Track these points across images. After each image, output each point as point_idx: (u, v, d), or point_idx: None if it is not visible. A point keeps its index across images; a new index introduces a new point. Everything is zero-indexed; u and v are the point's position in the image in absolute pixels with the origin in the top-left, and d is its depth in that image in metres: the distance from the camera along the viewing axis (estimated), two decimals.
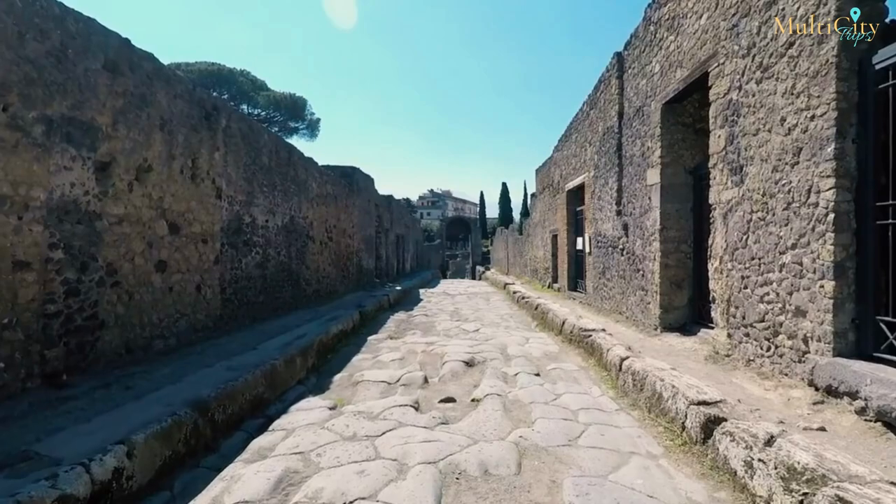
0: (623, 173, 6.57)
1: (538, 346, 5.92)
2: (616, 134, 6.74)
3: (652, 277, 5.48)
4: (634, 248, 6.10)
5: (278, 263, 7.14)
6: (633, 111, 6.17)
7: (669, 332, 5.21)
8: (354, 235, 11.82)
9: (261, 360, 4.12)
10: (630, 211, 6.27)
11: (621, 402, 3.72)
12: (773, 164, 3.28)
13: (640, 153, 5.91)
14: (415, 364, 5.07)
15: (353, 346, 6.15)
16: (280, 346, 4.83)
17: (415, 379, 4.43)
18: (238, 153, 5.84)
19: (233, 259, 5.76)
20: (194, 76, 25.96)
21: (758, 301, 3.48)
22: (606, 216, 7.26)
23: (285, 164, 7.39)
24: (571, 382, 4.30)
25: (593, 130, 8.00)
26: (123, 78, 3.81)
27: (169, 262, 4.46)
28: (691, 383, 3.17)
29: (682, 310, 5.27)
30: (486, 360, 5.19)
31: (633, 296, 6.14)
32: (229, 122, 5.59)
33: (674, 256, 5.26)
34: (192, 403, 2.92)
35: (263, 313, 6.58)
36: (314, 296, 8.77)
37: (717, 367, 3.83)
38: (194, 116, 4.83)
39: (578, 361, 5.12)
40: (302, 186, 8.13)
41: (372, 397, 3.95)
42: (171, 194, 4.47)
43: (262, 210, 6.54)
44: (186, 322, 4.75)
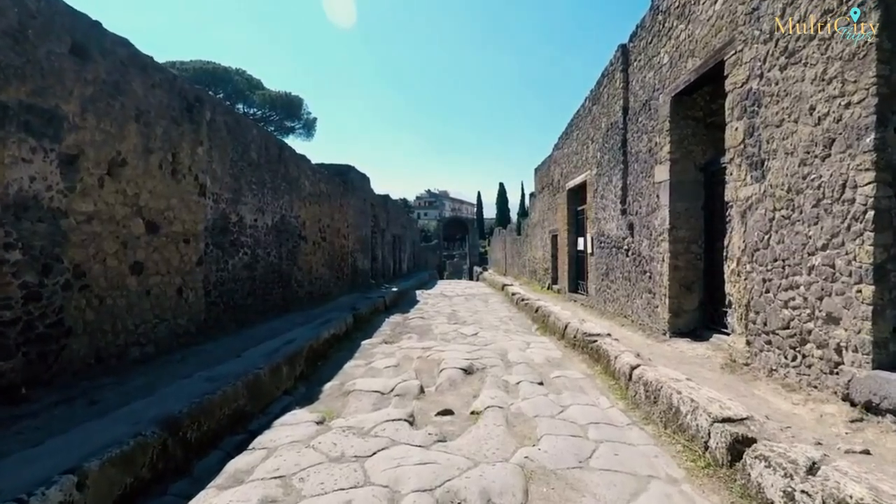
0: (628, 170, 6.30)
1: (540, 352, 5.64)
2: (620, 130, 6.47)
3: (660, 280, 5.21)
4: (641, 249, 5.83)
5: (268, 264, 6.84)
6: (639, 105, 5.91)
7: (679, 337, 4.94)
8: (349, 235, 11.52)
9: (244, 369, 3.82)
10: (636, 210, 6.00)
11: (633, 414, 3.44)
12: (801, 157, 3.01)
13: (646, 149, 5.64)
14: (410, 372, 4.78)
15: (345, 351, 5.86)
16: (267, 352, 4.53)
17: (410, 388, 4.15)
18: (224, 148, 5.54)
19: (218, 260, 5.46)
20: (189, 75, 25.65)
21: (781, 306, 3.21)
22: (610, 215, 6.99)
23: (276, 160, 7.09)
24: (577, 392, 4.03)
25: (596, 127, 7.73)
26: (94, 64, 3.50)
27: (146, 264, 4.16)
28: (712, 396, 2.90)
29: (693, 314, 5.00)
30: (485, 368, 4.91)
31: (640, 299, 5.87)
32: (214, 115, 5.29)
33: (684, 258, 4.99)
34: (162, 421, 2.62)
35: (252, 317, 6.28)
36: (307, 298, 8.47)
37: (736, 377, 3.56)
38: (175, 108, 4.52)
39: (583, 368, 4.84)
40: (293, 184, 7.83)
41: (363, 409, 3.66)
42: (149, 191, 4.17)
43: (250, 209, 6.24)
44: (166, 328, 4.45)
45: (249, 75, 33.25)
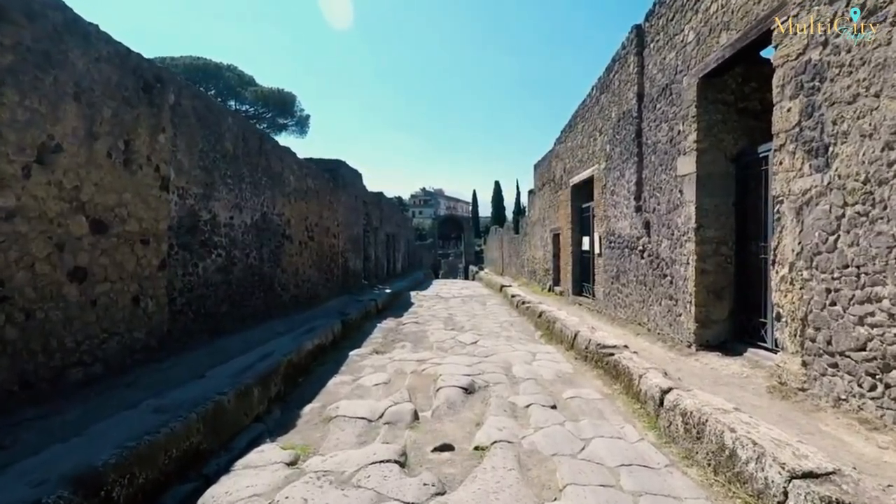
0: (643, 163, 5.72)
1: (548, 365, 5.06)
2: (634, 119, 5.89)
3: (684, 285, 4.63)
4: (659, 250, 5.25)
5: (247, 267, 6.21)
6: (657, 91, 5.32)
7: (706, 350, 4.37)
8: (340, 234, 10.88)
9: (204, 394, 3.21)
10: (653, 207, 5.43)
11: (669, 451, 2.86)
12: (885, 139, 2.43)
13: (666, 139, 5.06)
14: (403, 391, 4.18)
15: (331, 364, 5.25)
16: (236, 371, 3.92)
17: (402, 414, 3.55)
18: (192, 137, 4.90)
19: (186, 263, 4.82)
20: (179, 71, 24.84)
21: (855, 323, 2.63)
22: (622, 213, 6.41)
23: (255, 153, 6.45)
24: (597, 418, 3.44)
25: (605, 117, 7.15)
26: (14, 27, 2.87)
27: (91, 269, 3.52)
28: (778, 437, 2.32)
29: (723, 324, 4.43)
30: (488, 385, 4.32)
31: (658, 305, 5.30)
32: (180, 98, 4.65)
33: (712, 260, 4.42)
34: (77, 479, 2.00)
35: (228, 325, 5.65)
36: (292, 302, 7.84)
37: (791, 405, 2.98)
38: (128, 87, 3.88)
39: (599, 386, 4.26)
40: (276, 179, 7.19)
41: (346, 443, 3.07)
42: (94, 183, 3.54)
43: (225, 205, 5.60)
44: (118, 343, 3.82)
45: (241, 71, 32.57)
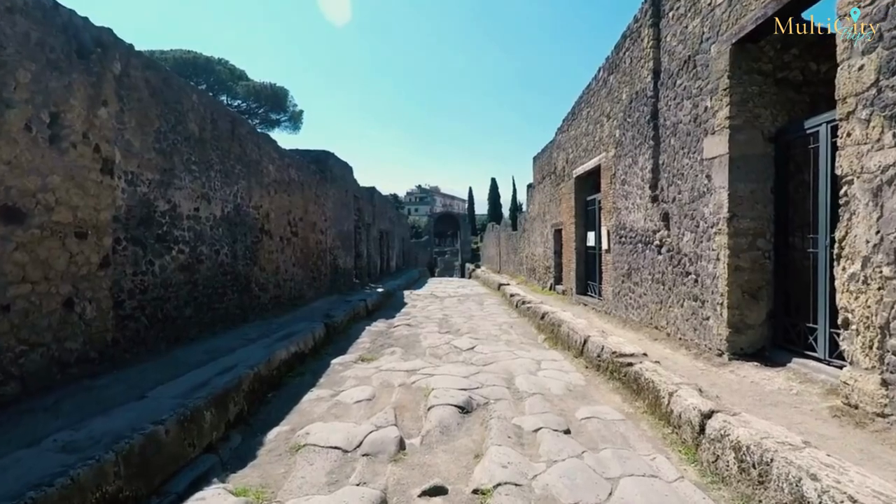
0: (661, 148, 5.11)
1: (556, 375, 4.45)
2: (650, 98, 5.28)
3: (713, 284, 4.03)
4: (681, 245, 4.64)
5: (216, 265, 5.55)
6: (678, 65, 4.71)
7: (741, 359, 3.77)
8: (328, 230, 10.22)
9: (136, 422, 2.57)
10: (673, 196, 4.82)
11: (720, 494, 2.26)
12: None
13: (690, 118, 4.45)
14: (388, 410, 3.56)
15: (309, 374, 4.62)
16: (188, 388, 3.28)
17: (385, 442, 2.93)
18: (146, 114, 4.24)
19: (138, 260, 4.17)
20: (169, 65, 24.09)
21: None
22: (634, 204, 5.80)
23: (227, 137, 5.79)
24: (622, 447, 2.83)
25: (613, 100, 6.53)
26: None
27: (1, 268, 2.87)
28: (881, 490, 1.72)
29: (759, 329, 3.82)
30: (488, 402, 3.70)
31: (679, 307, 4.69)
32: (128, 68, 3.99)
33: (748, 256, 3.81)
34: None
35: (192, 332, 5.00)
36: (272, 303, 7.19)
37: (870, 436, 2.38)
38: (55, 48, 3.23)
39: (617, 403, 3.66)
40: (253, 168, 6.53)
41: (313, 483, 2.45)
42: (6, 162, 2.89)
43: (188, 195, 4.95)
44: (43, 356, 3.17)
45: (233, 66, 31.91)
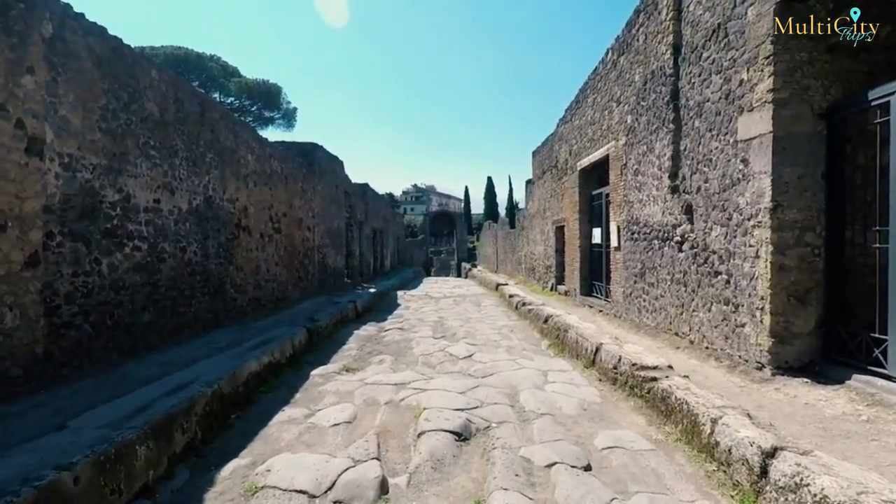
0: (682, 132, 4.54)
1: (566, 390, 3.87)
2: (669, 77, 4.71)
3: (750, 286, 3.46)
4: (707, 241, 4.07)
5: (183, 264, 4.94)
6: (704, 36, 4.14)
7: (786, 374, 3.20)
8: (315, 227, 9.61)
9: (36, 467, 1.98)
10: (697, 185, 4.25)
11: None
12: None
13: (719, 95, 3.88)
14: (370, 436, 2.98)
15: (284, 388, 4.04)
16: (125, 413, 2.68)
17: (363, 484, 2.36)
18: (89, 88, 3.63)
19: (79, 258, 3.56)
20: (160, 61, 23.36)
21: None
22: (649, 196, 5.23)
23: (195, 121, 5.17)
24: (658, 489, 2.26)
25: (625, 83, 5.96)
26: None
27: None
28: None
29: (807, 339, 3.26)
30: (489, 426, 3.13)
31: (705, 312, 4.12)
32: (64, 31, 3.37)
33: (795, 253, 3.24)
34: None
35: (153, 340, 4.39)
36: (252, 306, 6.57)
37: None
38: None
39: (642, 426, 3.09)
40: (228, 157, 5.91)
41: None
42: None
43: (146, 184, 4.33)
44: None
45: (225, 62, 31.34)
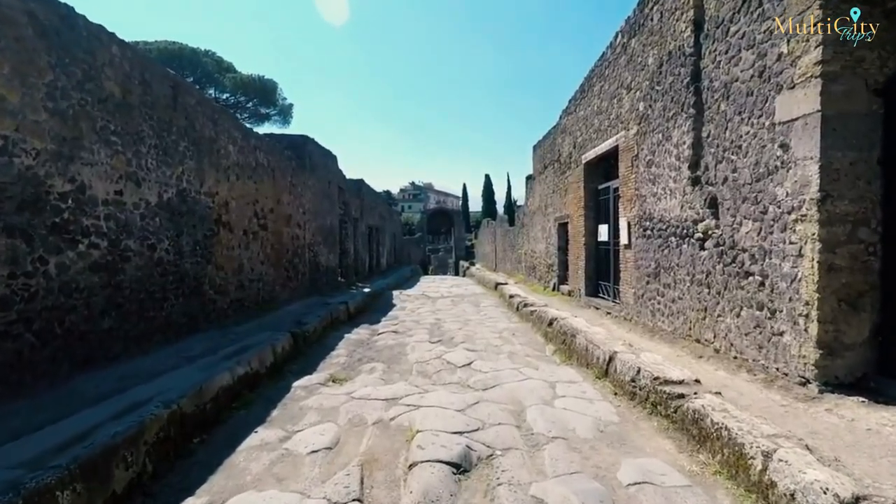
0: (705, 116, 4.09)
1: (578, 406, 3.42)
2: (689, 57, 4.26)
3: (791, 288, 3.02)
4: (736, 238, 3.63)
5: (152, 263, 4.46)
6: (731, 8, 3.69)
7: (837, 391, 2.76)
8: (306, 224, 9.14)
9: None
10: (724, 176, 3.80)
11: None
12: None
13: (752, 73, 3.43)
14: (353, 467, 2.53)
15: (260, 404, 3.58)
16: (55, 445, 2.23)
17: None
18: (30, 60, 3.16)
19: (17, 257, 3.09)
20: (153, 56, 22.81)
21: None
22: (665, 189, 4.78)
23: (166, 105, 4.69)
24: None
25: (636, 68, 5.51)
26: None
27: None
28: None
29: (861, 350, 2.82)
30: (493, 454, 2.68)
31: (734, 317, 3.68)
32: None
33: (846, 250, 2.80)
34: None
35: (114, 348, 3.92)
36: (233, 308, 6.11)
37: None
38: None
39: (671, 452, 2.64)
40: (205, 147, 5.43)
41: None
42: None
43: (104, 173, 3.86)
44: None
45: (220, 57, 30.75)
